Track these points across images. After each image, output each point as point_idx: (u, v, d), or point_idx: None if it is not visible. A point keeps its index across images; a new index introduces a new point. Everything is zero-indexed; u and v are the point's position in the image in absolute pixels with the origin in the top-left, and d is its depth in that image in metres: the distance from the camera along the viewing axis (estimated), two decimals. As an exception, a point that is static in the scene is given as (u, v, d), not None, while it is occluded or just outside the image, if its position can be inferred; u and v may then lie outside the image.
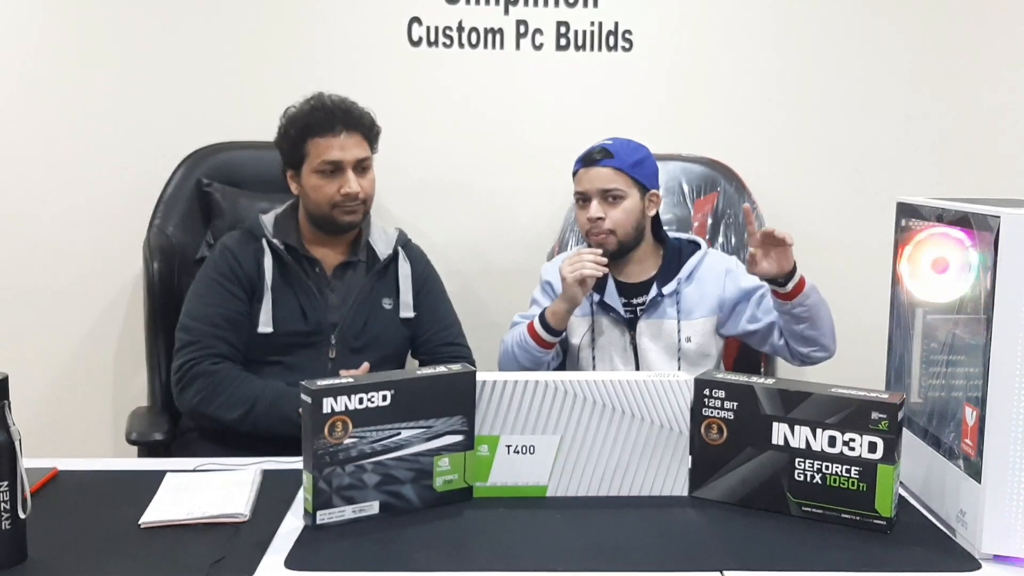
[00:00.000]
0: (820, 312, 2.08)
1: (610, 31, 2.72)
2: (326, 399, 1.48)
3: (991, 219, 1.39)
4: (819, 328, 2.10)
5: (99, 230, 2.69)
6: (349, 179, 2.09)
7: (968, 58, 2.77)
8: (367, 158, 2.14)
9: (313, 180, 2.11)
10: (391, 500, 1.56)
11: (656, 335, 2.20)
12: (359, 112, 2.14)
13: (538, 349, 2.16)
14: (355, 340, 2.15)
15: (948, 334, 1.56)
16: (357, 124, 2.12)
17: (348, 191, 2.08)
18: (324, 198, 2.10)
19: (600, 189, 2.16)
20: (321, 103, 2.12)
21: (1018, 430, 1.38)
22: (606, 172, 2.15)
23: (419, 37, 2.70)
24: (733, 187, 2.60)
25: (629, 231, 2.18)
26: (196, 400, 2.03)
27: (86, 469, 1.77)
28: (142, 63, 2.66)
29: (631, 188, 2.16)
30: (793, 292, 2.04)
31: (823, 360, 2.17)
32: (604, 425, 1.62)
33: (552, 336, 2.15)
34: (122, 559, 1.40)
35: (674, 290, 2.20)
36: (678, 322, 2.19)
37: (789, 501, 1.56)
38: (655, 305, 2.21)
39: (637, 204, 2.18)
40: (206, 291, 2.12)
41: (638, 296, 2.23)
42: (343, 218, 2.12)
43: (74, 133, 2.67)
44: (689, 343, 2.19)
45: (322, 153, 2.09)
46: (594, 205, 2.16)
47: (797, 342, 2.13)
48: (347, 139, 2.10)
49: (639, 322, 2.21)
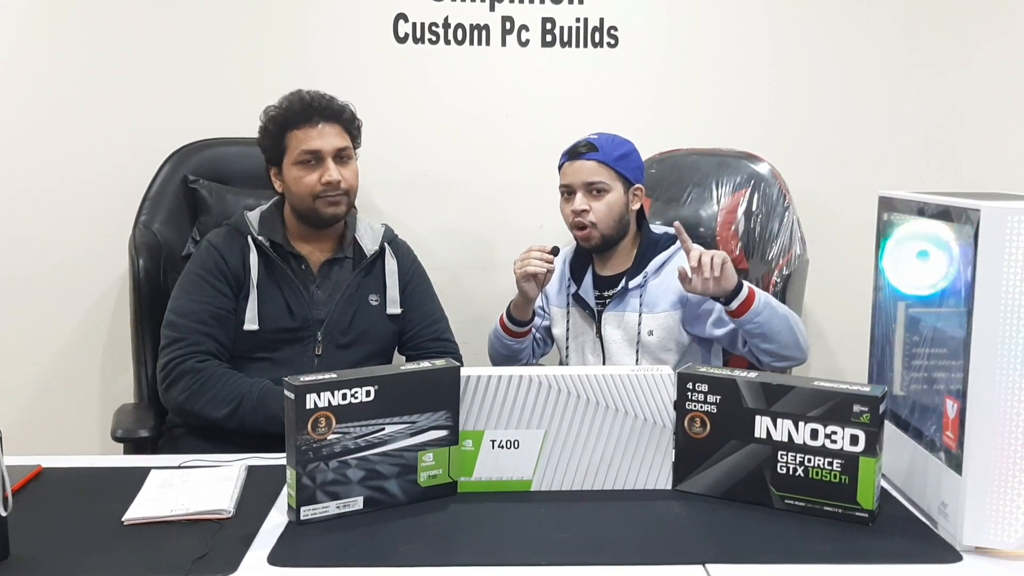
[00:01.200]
0: (774, 327, 2.05)
1: (595, 27, 2.72)
2: (309, 395, 1.48)
3: (971, 212, 1.40)
4: (776, 341, 2.07)
5: (85, 227, 2.68)
6: (329, 167, 2.09)
7: (954, 53, 2.78)
8: (347, 148, 2.14)
9: (294, 172, 2.11)
10: (375, 495, 1.56)
11: (619, 327, 2.23)
12: (337, 104, 2.15)
13: (508, 338, 2.27)
14: (342, 336, 2.15)
15: (930, 327, 1.57)
16: (335, 115, 2.13)
17: (329, 179, 2.09)
18: (306, 189, 2.10)
19: (584, 182, 2.17)
20: (299, 97, 2.13)
21: (998, 422, 1.38)
22: (590, 165, 2.17)
23: (405, 34, 2.70)
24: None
25: (612, 224, 2.19)
26: (182, 398, 2.03)
27: (70, 466, 1.76)
28: (128, 60, 2.65)
29: (615, 182, 2.18)
30: (740, 310, 2.03)
31: (793, 366, 2.17)
32: (588, 419, 1.62)
33: (518, 326, 2.23)
34: (105, 556, 1.40)
35: (639, 283, 2.21)
36: (639, 315, 2.20)
37: (772, 494, 1.57)
38: (620, 297, 2.23)
39: (621, 198, 2.19)
40: (192, 288, 2.11)
41: (611, 288, 2.25)
42: (326, 210, 2.11)
43: (60, 130, 2.66)
44: (651, 336, 2.20)
45: (301, 144, 2.10)
46: (578, 198, 2.17)
47: (758, 352, 2.12)
48: (325, 129, 2.11)
49: (604, 313, 2.24)
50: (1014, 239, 1.35)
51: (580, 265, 2.31)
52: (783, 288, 2.41)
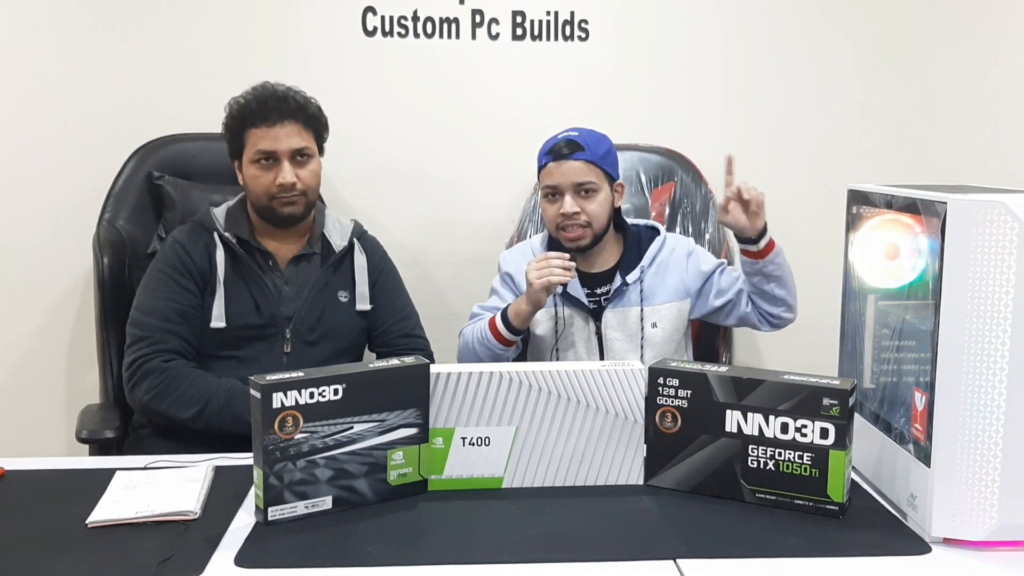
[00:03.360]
0: (788, 272, 2.15)
1: (566, 20, 2.71)
2: (276, 394, 1.46)
3: (938, 205, 1.40)
4: (787, 287, 2.16)
5: (48, 224, 2.64)
6: (284, 169, 2.06)
7: (922, 45, 2.80)
8: (306, 148, 2.10)
9: (251, 170, 2.09)
10: (344, 495, 1.54)
11: (621, 323, 2.20)
12: (299, 101, 2.11)
13: (499, 347, 2.14)
14: (310, 333, 2.13)
15: (899, 320, 1.57)
16: (294, 113, 2.09)
17: (283, 181, 2.06)
18: (261, 189, 2.08)
19: (574, 183, 2.13)
20: (262, 92, 2.09)
21: (966, 414, 1.39)
22: (579, 165, 2.13)
23: (374, 27, 2.68)
24: (690, 176, 2.61)
25: (603, 224, 2.17)
26: (147, 398, 2.00)
27: (34, 468, 1.73)
28: (91, 54, 2.61)
29: (603, 181, 2.15)
30: (764, 251, 2.09)
31: (790, 322, 2.22)
32: (559, 415, 1.62)
33: (513, 335, 2.13)
34: (68, 559, 1.38)
35: (637, 278, 2.20)
36: (641, 309, 2.19)
37: (743, 488, 1.57)
38: (620, 294, 2.20)
39: (608, 196, 2.17)
40: (157, 285, 2.08)
41: (601, 286, 2.22)
42: (282, 210, 2.09)
43: (21, 125, 2.62)
44: (655, 328, 2.19)
45: (258, 143, 2.07)
46: (568, 200, 2.13)
47: (767, 302, 2.16)
48: (283, 129, 2.07)
49: (605, 312, 2.21)
50: (981, 231, 1.36)
51: None
52: None
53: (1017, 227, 1.34)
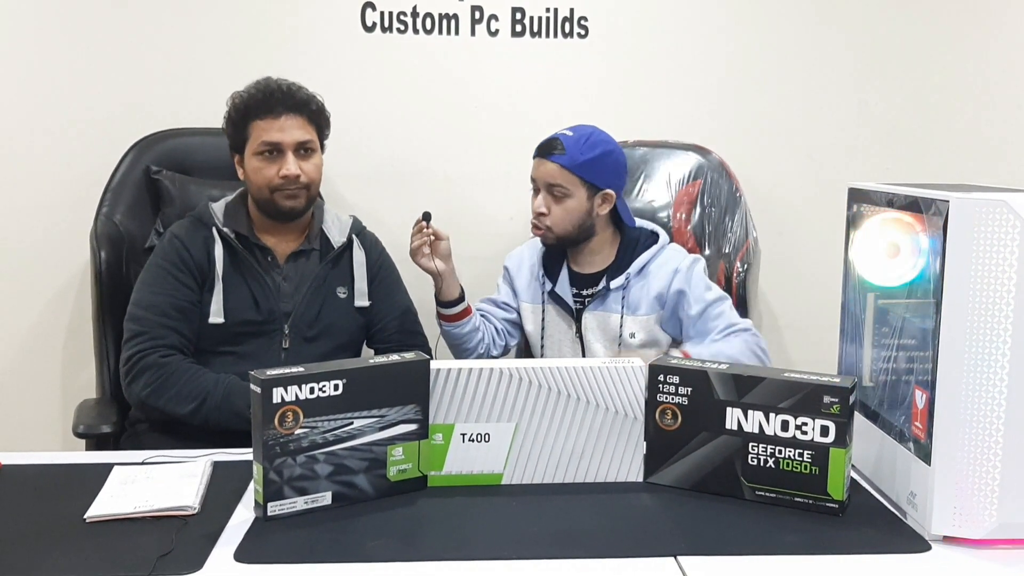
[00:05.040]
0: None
1: (565, 17, 2.71)
2: (276, 389, 1.45)
3: (940, 203, 1.40)
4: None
5: (45, 218, 2.63)
6: (288, 161, 2.06)
7: (921, 45, 2.80)
8: (310, 141, 2.10)
9: (254, 163, 2.08)
10: (344, 490, 1.54)
11: (602, 328, 2.20)
12: (303, 95, 2.11)
13: (445, 324, 2.22)
14: (308, 329, 2.12)
15: (899, 318, 1.57)
16: (299, 107, 2.09)
17: (287, 173, 2.05)
18: (264, 181, 2.07)
19: (546, 183, 2.14)
20: (266, 86, 2.09)
21: (966, 413, 1.39)
22: (553, 168, 2.13)
23: (373, 23, 2.67)
24: (718, 173, 2.55)
25: (568, 229, 2.16)
26: (145, 393, 1.99)
27: (31, 463, 1.72)
28: (90, 48, 2.60)
29: (577, 188, 2.13)
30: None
31: None
32: (559, 412, 1.61)
33: (447, 308, 2.19)
34: (67, 554, 1.37)
35: (621, 285, 2.18)
36: (621, 316, 2.18)
37: (743, 485, 1.57)
38: (602, 298, 2.20)
39: (582, 204, 2.14)
40: (155, 280, 2.07)
41: (589, 287, 2.22)
42: (284, 203, 2.08)
43: (18, 119, 2.60)
44: (633, 339, 2.18)
45: (262, 134, 2.06)
46: (539, 198, 2.15)
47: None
48: (288, 121, 2.07)
49: (585, 314, 2.21)
50: (983, 230, 1.36)
51: (553, 261, 2.27)
52: (744, 279, 2.42)
53: (1019, 226, 1.34)
